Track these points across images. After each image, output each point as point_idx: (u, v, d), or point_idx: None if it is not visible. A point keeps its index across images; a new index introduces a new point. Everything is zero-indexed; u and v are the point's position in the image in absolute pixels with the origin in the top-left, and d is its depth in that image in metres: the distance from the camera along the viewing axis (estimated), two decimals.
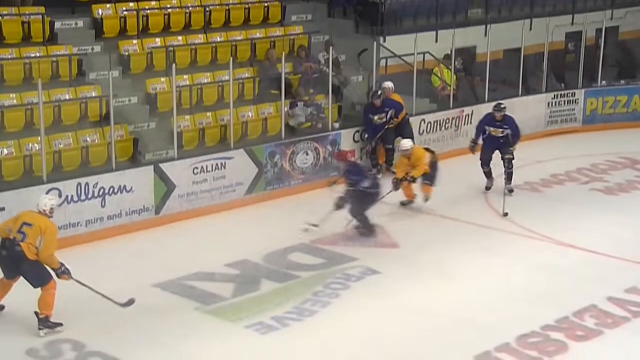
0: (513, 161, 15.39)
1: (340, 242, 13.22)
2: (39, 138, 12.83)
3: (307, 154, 15.58)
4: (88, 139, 13.97)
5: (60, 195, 12.65)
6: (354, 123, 16.60)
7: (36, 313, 10.20)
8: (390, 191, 14.20)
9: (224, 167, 14.46)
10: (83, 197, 12.95)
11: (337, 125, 16.50)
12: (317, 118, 16.39)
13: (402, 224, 13.82)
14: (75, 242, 12.66)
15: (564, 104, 19.72)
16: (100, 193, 13.11)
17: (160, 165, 13.84)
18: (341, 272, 12.16)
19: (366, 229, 13.40)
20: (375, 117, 16.06)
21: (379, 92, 16.13)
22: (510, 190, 15.38)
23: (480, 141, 15.74)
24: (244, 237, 13.18)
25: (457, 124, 17.84)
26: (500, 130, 15.40)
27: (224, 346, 10.18)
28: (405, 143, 14.48)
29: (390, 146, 16.23)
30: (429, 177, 14.46)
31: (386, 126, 16.07)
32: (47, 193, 12.16)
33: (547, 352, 10.10)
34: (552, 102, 19.61)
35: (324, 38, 18.11)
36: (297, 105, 16.26)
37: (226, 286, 11.66)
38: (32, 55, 14.59)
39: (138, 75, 15.59)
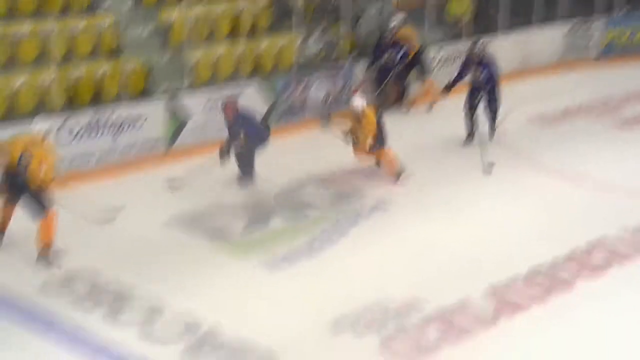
0: (498, 111, 14.47)
1: (349, 180, 13.19)
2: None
3: (320, 87, 15.52)
4: (100, 71, 13.96)
5: (72, 129, 12.72)
6: (368, 55, 16.41)
7: (38, 247, 10.37)
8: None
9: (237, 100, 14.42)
10: (96, 130, 13.01)
11: (351, 57, 16.39)
12: (331, 50, 16.30)
13: (410, 161, 13.54)
14: (87, 176, 12.73)
15: (580, 34, 19.44)
16: (113, 126, 13.16)
17: (173, 98, 13.84)
18: (350, 210, 12.20)
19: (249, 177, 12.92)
20: (385, 56, 15.92)
21: (392, 29, 15.94)
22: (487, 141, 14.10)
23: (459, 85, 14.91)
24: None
25: None
26: (479, 72, 14.31)
27: (233, 282, 10.29)
28: (357, 101, 12.81)
29: (405, 81, 16.15)
30: (380, 140, 13.02)
31: (394, 69, 15.89)
32: (59, 127, 12.27)
33: (555, 289, 10.16)
34: (568, 33, 19.33)
35: None
36: (311, 36, 16.15)
37: (236, 223, 11.72)
38: None
39: (151, 5, 15.45)
